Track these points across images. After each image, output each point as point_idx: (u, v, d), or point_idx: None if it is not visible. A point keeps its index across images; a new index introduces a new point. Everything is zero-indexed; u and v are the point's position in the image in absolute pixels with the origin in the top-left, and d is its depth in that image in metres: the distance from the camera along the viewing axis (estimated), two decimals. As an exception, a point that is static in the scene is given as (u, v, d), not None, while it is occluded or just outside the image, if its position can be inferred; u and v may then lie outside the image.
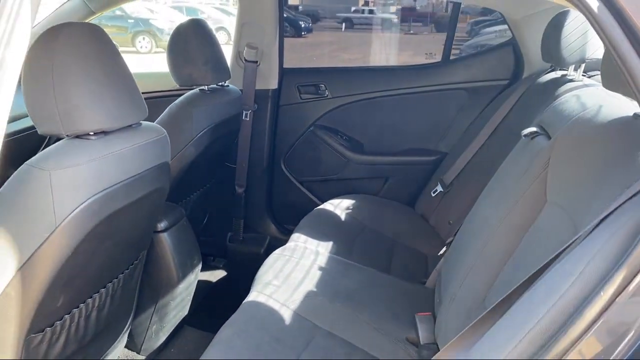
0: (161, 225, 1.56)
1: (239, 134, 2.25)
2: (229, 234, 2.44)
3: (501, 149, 1.66)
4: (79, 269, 1.12)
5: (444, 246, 1.78)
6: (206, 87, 1.88)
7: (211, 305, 2.14)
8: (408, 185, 2.44)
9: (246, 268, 1.86)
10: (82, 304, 1.23)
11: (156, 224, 1.54)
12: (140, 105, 1.19)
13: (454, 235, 1.63)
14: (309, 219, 2.00)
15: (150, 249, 1.54)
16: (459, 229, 1.59)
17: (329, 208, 2.11)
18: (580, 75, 1.73)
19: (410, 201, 2.38)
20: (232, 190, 2.37)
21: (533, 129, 1.32)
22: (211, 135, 1.84)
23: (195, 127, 1.77)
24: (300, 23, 8.84)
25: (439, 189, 2.18)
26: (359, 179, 2.50)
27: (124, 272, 1.38)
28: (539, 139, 1.28)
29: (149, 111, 1.23)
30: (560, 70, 1.85)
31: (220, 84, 1.99)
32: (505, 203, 1.23)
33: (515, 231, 1.17)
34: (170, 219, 1.60)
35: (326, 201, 2.18)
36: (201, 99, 1.84)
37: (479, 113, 2.32)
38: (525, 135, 1.34)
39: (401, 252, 1.93)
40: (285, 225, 2.51)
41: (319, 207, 2.13)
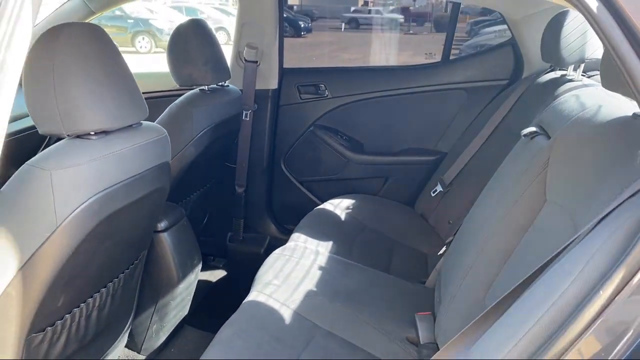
0: (161, 225, 1.56)
1: (239, 134, 2.25)
2: (229, 233, 2.44)
3: (501, 148, 1.66)
4: (80, 268, 1.13)
5: (444, 246, 1.78)
6: (206, 87, 1.88)
7: (211, 305, 2.15)
8: (408, 185, 2.44)
9: (246, 268, 1.86)
10: (83, 304, 1.23)
11: (156, 223, 1.54)
12: (140, 105, 1.19)
13: (454, 234, 1.63)
14: (309, 218, 2.00)
15: (151, 248, 1.54)
16: (458, 229, 1.59)
17: (329, 208, 2.11)
18: (580, 75, 1.73)
19: (410, 201, 2.38)
20: (232, 190, 2.37)
21: (532, 128, 1.32)
22: (211, 135, 1.84)
23: (195, 127, 1.77)
24: (300, 23, 8.84)
25: (439, 188, 2.18)
26: (359, 179, 2.50)
27: (125, 272, 1.39)
28: (539, 138, 1.28)
29: (149, 111, 1.23)
30: (560, 70, 1.85)
31: (220, 84, 1.99)
32: (504, 203, 1.23)
33: (515, 230, 1.17)
34: (171, 218, 1.60)
35: (326, 201, 2.18)
36: (201, 99, 1.84)
37: (478, 113, 2.32)
38: (524, 135, 1.34)
39: (401, 251, 1.93)
40: (285, 225, 2.52)
41: (319, 207, 2.13)
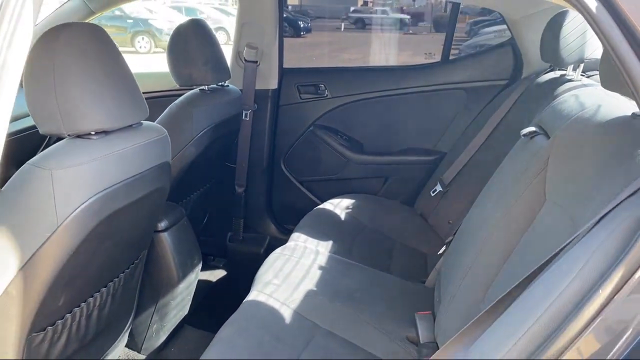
0: (161, 225, 1.56)
1: (238, 133, 2.26)
2: (229, 233, 2.44)
3: (500, 148, 1.66)
4: (80, 268, 1.13)
5: (444, 245, 1.78)
6: (206, 87, 1.88)
7: (211, 305, 2.15)
8: (407, 185, 2.44)
9: (246, 268, 1.86)
10: (83, 303, 1.23)
11: (157, 223, 1.54)
12: (141, 105, 1.19)
13: (454, 234, 1.64)
14: (308, 218, 2.01)
15: (151, 248, 1.55)
16: (458, 229, 1.59)
17: (328, 208, 2.11)
18: (579, 75, 1.73)
19: (409, 201, 2.38)
20: (232, 190, 2.38)
21: (532, 128, 1.33)
22: (211, 135, 1.84)
23: (196, 127, 1.77)
24: (300, 23, 8.83)
25: (439, 188, 2.18)
26: (359, 179, 2.50)
27: (125, 272, 1.39)
28: (538, 138, 1.28)
29: (149, 111, 1.23)
30: (559, 70, 1.85)
31: (220, 84, 2.00)
32: (504, 202, 1.23)
33: (514, 230, 1.18)
34: (171, 218, 1.60)
35: (326, 201, 2.18)
36: (201, 99, 1.84)
37: (478, 113, 2.32)
38: (524, 135, 1.34)
39: (401, 251, 1.93)
40: (285, 225, 2.52)
41: (319, 206, 2.13)
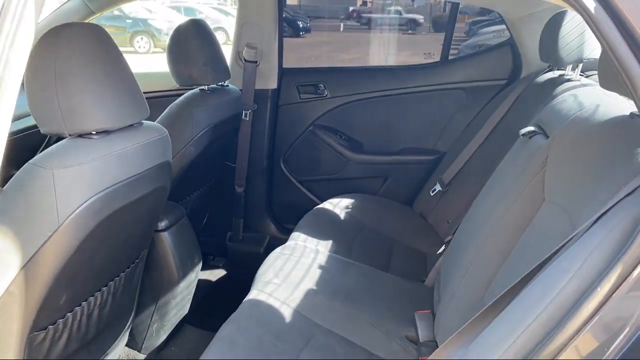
0: (162, 224, 1.57)
1: (238, 133, 2.26)
2: (228, 233, 2.45)
3: (499, 148, 1.67)
4: (81, 267, 1.13)
5: (443, 245, 1.79)
6: (206, 87, 1.89)
7: (211, 304, 2.15)
8: (407, 185, 2.45)
9: (246, 267, 1.87)
10: (84, 302, 1.24)
11: (157, 223, 1.54)
12: (141, 104, 1.19)
13: (453, 234, 1.64)
14: (308, 218, 2.01)
15: (151, 248, 1.55)
16: (457, 228, 1.60)
17: (328, 207, 2.12)
18: (578, 75, 1.74)
19: (409, 200, 2.39)
20: (232, 190, 2.38)
21: (531, 128, 1.33)
22: (211, 134, 1.85)
23: (195, 127, 1.77)
24: (299, 23, 8.82)
25: (438, 188, 2.19)
26: (358, 179, 2.51)
27: (125, 271, 1.39)
28: (537, 138, 1.29)
29: (149, 111, 1.24)
30: (558, 70, 1.86)
31: (220, 83, 2.00)
32: (503, 201, 1.24)
33: (513, 229, 1.18)
34: (171, 218, 1.61)
35: (325, 200, 2.19)
36: (201, 99, 1.85)
37: (477, 112, 2.33)
38: (523, 135, 1.35)
39: (400, 250, 1.94)
40: (284, 224, 2.53)
41: (319, 206, 2.14)
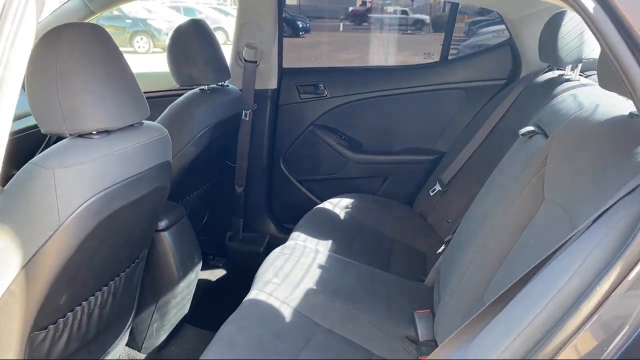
0: (162, 224, 1.57)
1: (238, 133, 2.26)
2: (228, 233, 2.45)
3: (499, 148, 1.67)
4: (82, 266, 1.13)
5: (443, 244, 1.79)
6: (206, 87, 1.89)
7: (211, 304, 2.16)
8: (406, 184, 2.45)
9: (246, 267, 1.87)
10: (85, 302, 1.24)
11: (157, 222, 1.55)
12: (142, 104, 1.20)
13: (453, 233, 1.64)
14: (308, 217, 2.01)
15: (151, 247, 1.55)
16: (457, 228, 1.60)
17: (328, 207, 2.12)
18: (577, 75, 1.74)
19: (408, 200, 2.39)
20: (231, 190, 2.38)
21: (530, 128, 1.34)
22: (211, 134, 1.85)
23: (196, 127, 1.77)
24: (298, 23, 8.82)
25: (438, 187, 2.19)
26: (358, 178, 2.51)
27: (126, 271, 1.39)
28: (537, 137, 1.29)
29: (149, 111, 1.24)
30: (558, 70, 1.86)
31: (220, 83, 2.00)
32: (503, 201, 1.24)
33: (513, 229, 1.18)
34: (171, 217, 1.61)
35: (325, 200, 2.19)
36: (201, 99, 1.85)
37: (477, 112, 2.33)
38: (522, 134, 1.35)
39: (400, 250, 1.94)
40: (284, 224, 2.53)
41: (318, 206, 2.14)
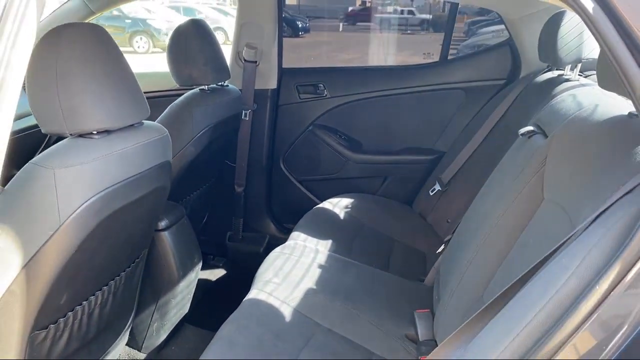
0: (162, 224, 1.57)
1: (238, 133, 2.26)
2: (228, 233, 2.45)
3: (499, 147, 1.68)
4: (82, 266, 1.14)
5: (442, 244, 1.79)
6: (206, 87, 1.89)
7: (211, 304, 2.16)
8: (406, 184, 2.46)
9: (246, 267, 1.87)
10: (85, 302, 1.24)
11: (157, 222, 1.55)
12: (142, 104, 1.20)
13: (452, 233, 1.65)
14: (308, 217, 2.01)
15: (151, 247, 1.55)
16: (457, 227, 1.60)
17: (327, 207, 2.12)
18: (577, 75, 1.74)
19: (408, 200, 2.39)
20: (231, 190, 2.38)
21: (530, 127, 1.34)
22: (211, 134, 1.85)
23: (195, 127, 1.78)
24: (298, 23, 8.81)
25: (437, 187, 2.19)
26: (358, 178, 2.51)
27: (126, 270, 1.39)
28: (536, 137, 1.29)
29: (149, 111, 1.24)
30: (557, 70, 1.86)
31: (220, 83, 2.00)
32: (502, 201, 1.24)
33: (512, 228, 1.19)
34: (171, 217, 1.61)
35: (325, 200, 2.19)
36: (201, 99, 1.85)
37: (476, 112, 2.33)
38: (522, 134, 1.35)
39: (400, 250, 1.94)
40: (284, 224, 2.53)
41: (318, 206, 2.14)
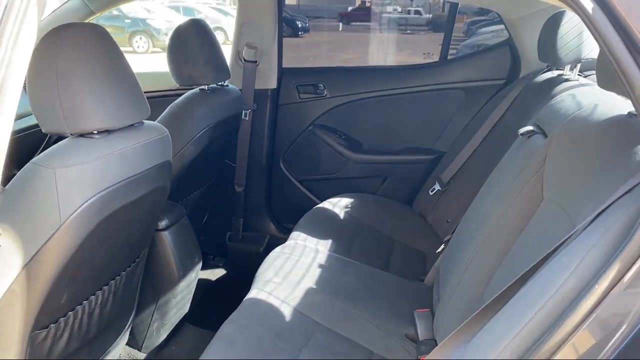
0: (162, 224, 1.57)
1: (238, 133, 2.26)
2: (228, 232, 2.45)
3: (498, 147, 1.68)
4: (82, 266, 1.14)
5: (442, 244, 1.79)
6: (206, 86, 1.89)
7: (211, 304, 2.16)
8: (406, 184, 2.46)
9: (246, 266, 1.87)
10: (85, 301, 1.24)
11: (157, 222, 1.55)
12: (142, 104, 1.20)
13: (452, 233, 1.65)
14: (308, 217, 2.02)
15: (152, 247, 1.56)
16: (456, 227, 1.60)
17: (327, 207, 2.12)
18: (576, 75, 1.74)
19: (408, 200, 2.40)
20: (231, 189, 2.38)
21: (530, 127, 1.34)
22: (211, 134, 1.85)
23: (196, 127, 1.78)
24: (298, 23, 8.81)
25: (437, 187, 2.20)
26: (358, 178, 2.52)
27: (126, 270, 1.40)
28: (536, 137, 1.29)
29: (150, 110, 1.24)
30: (557, 69, 1.86)
31: (220, 83, 2.00)
32: (502, 201, 1.25)
33: (512, 228, 1.19)
34: (171, 217, 1.61)
35: (325, 200, 2.19)
36: (201, 99, 1.85)
37: (476, 112, 2.33)
38: (522, 134, 1.36)
39: (399, 250, 1.94)
40: (284, 224, 2.53)
41: (318, 205, 2.14)
